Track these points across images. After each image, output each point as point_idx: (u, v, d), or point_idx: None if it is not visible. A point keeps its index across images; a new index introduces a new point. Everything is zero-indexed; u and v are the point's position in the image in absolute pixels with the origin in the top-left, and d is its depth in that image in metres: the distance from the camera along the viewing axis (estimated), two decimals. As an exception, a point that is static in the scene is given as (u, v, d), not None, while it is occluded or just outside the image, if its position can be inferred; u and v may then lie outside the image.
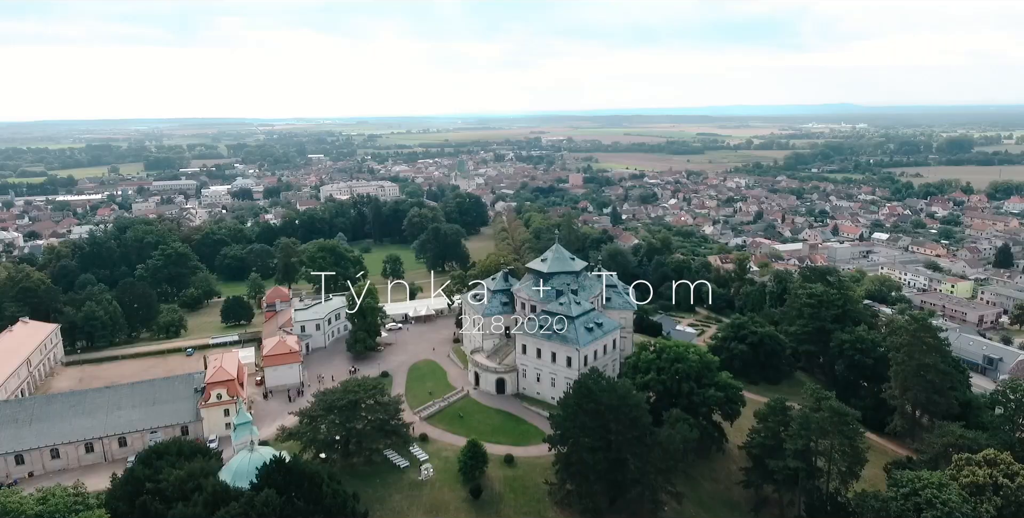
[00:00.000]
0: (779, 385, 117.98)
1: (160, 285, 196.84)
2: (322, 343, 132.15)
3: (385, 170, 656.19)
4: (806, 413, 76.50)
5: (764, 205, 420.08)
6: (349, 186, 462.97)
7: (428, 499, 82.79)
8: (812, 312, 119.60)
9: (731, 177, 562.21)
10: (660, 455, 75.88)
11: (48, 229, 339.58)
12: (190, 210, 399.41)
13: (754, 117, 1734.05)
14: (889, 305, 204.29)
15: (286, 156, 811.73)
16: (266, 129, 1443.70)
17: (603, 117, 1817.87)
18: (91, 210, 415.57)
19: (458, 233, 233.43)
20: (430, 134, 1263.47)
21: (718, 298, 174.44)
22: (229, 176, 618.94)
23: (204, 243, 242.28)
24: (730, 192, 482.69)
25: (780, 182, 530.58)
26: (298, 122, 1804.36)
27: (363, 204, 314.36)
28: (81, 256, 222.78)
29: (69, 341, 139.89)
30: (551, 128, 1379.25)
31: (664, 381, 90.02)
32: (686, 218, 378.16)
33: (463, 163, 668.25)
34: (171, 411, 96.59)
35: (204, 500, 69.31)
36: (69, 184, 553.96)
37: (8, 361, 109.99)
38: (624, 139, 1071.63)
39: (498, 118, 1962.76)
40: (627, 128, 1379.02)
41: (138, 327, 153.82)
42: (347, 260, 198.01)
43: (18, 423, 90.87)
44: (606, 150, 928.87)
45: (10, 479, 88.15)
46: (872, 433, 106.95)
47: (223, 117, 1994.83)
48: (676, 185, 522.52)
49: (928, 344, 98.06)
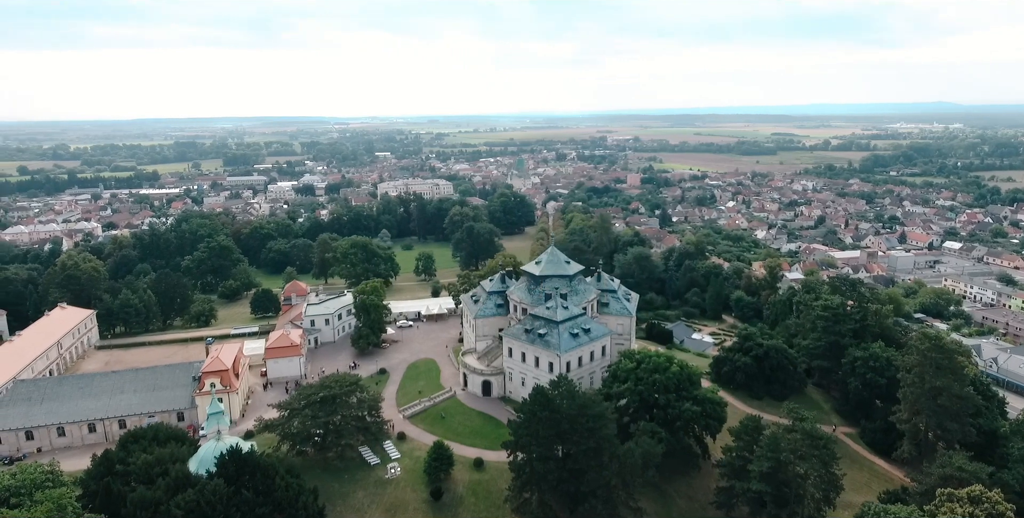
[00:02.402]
0: (786, 401, 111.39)
1: (204, 276, 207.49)
2: (331, 338, 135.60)
3: (446, 168, 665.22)
4: (775, 434, 71.99)
5: (829, 209, 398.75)
6: (405, 183, 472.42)
7: (390, 498, 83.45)
8: (826, 325, 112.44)
9: (798, 179, 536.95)
10: (617, 468, 73.37)
11: (124, 220, 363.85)
12: (254, 205, 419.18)
13: (837, 116, 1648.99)
14: (944, 320, 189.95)
15: (354, 153, 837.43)
16: (341, 127, 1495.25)
17: (674, 116, 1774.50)
18: (167, 203, 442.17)
19: (491, 232, 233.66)
20: (496, 133, 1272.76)
21: (746, 306, 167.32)
22: (299, 172, 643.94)
23: (252, 237, 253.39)
24: (795, 195, 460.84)
25: (852, 185, 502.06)
26: (372, 121, 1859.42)
27: (409, 202, 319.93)
28: (141, 246, 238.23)
29: (107, 327, 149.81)
30: (618, 127, 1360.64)
31: (640, 392, 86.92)
32: (741, 221, 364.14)
33: (522, 162, 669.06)
34: (169, 397, 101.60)
35: (166, 485, 72.50)
36: (153, 179, 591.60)
37: (39, 343, 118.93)
38: (693, 139, 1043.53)
39: (565, 117, 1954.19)
40: (698, 128, 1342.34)
41: (172, 315, 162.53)
42: (379, 257, 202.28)
43: (30, 402, 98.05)
44: (672, 150, 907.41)
45: (20, 453, 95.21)
46: (880, 458, 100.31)
47: (302, 116, 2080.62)
48: (737, 187, 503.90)
49: (942, 365, 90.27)
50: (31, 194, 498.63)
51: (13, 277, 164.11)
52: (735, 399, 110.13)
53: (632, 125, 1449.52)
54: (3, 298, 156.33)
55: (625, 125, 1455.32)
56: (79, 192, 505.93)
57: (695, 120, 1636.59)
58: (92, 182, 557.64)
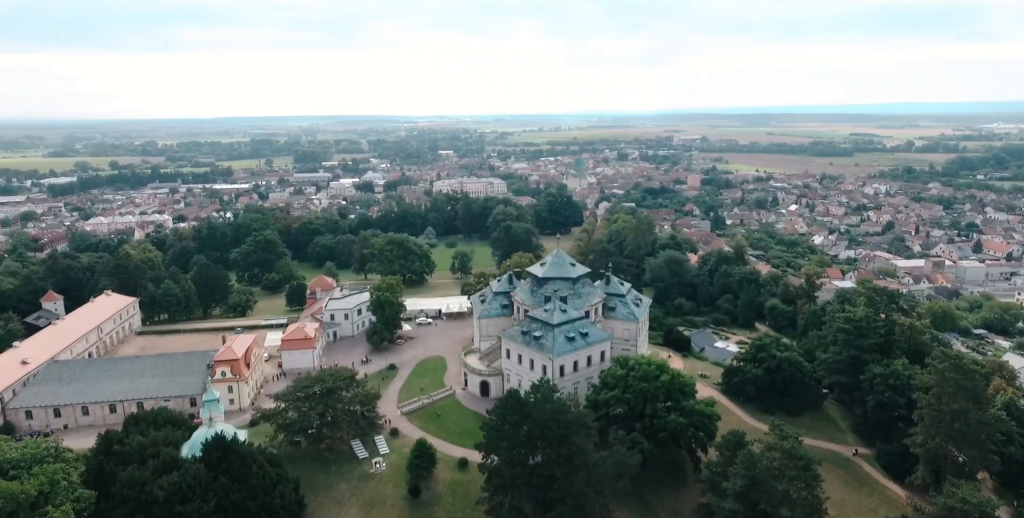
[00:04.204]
0: (800, 417, 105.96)
1: (251, 268, 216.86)
2: (350, 332, 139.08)
3: (505, 167, 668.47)
4: (749, 452, 68.59)
5: (900, 215, 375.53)
6: (460, 182, 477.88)
7: (370, 492, 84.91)
8: (847, 339, 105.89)
9: (871, 182, 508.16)
10: (585, 477, 71.86)
11: (193, 214, 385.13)
12: (314, 200, 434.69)
13: (925, 115, 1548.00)
14: (1009, 337, 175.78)
15: (418, 152, 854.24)
16: (409, 126, 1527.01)
17: (746, 115, 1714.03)
18: (235, 198, 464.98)
19: (528, 232, 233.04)
20: (560, 132, 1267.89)
21: (781, 315, 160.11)
22: (362, 169, 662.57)
23: (302, 232, 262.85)
24: (864, 199, 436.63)
25: (930, 189, 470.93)
26: (439, 119, 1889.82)
27: (456, 200, 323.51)
28: (199, 238, 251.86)
29: (150, 314, 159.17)
30: (687, 127, 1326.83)
31: (627, 400, 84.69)
32: (800, 225, 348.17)
33: (581, 161, 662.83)
34: (183, 383, 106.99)
35: (153, 467, 76.60)
36: (227, 174, 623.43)
37: (80, 327, 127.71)
38: (764, 139, 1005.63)
39: (632, 116, 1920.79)
40: (771, 127, 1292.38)
41: (211, 305, 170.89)
42: (414, 254, 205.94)
43: (60, 382, 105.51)
44: (740, 150, 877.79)
45: (48, 429, 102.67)
46: (895, 482, 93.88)
47: (372, 114, 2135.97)
48: (803, 189, 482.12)
49: (962, 386, 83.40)
50: (117, 187, 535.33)
51: (75, 265, 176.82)
52: (744, 412, 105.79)
53: (701, 124, 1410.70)
54: (64, 284, 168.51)
55: (694, 124, 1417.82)
56: (159, 186, 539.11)
57: (769, 119, 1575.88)
58: (172, 177, 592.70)
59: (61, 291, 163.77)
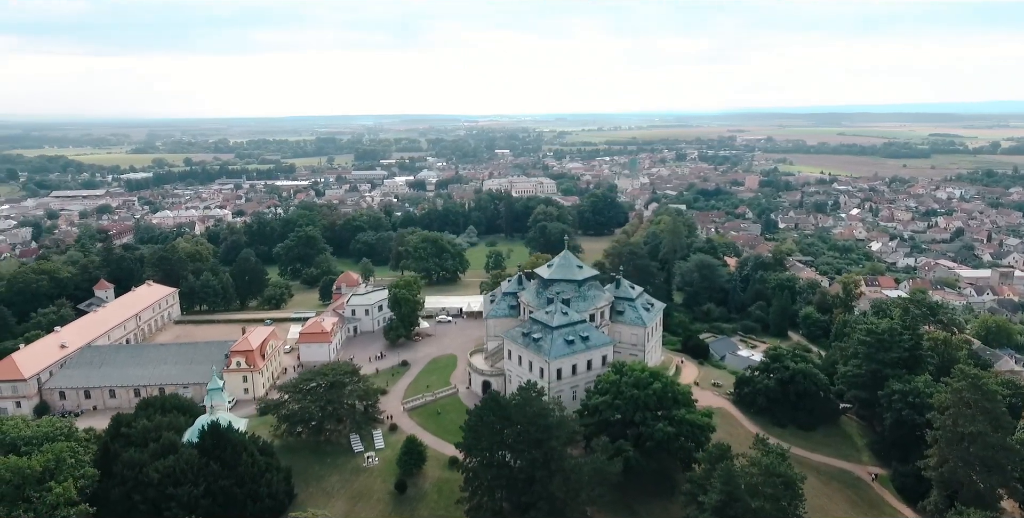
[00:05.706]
0: (813, 432, 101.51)
1: (293, 262, 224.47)
2: (370, 327, 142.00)
3: (559, 166, 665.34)
4: (728, 466, 66.01)
5: (973, 221, 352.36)
6: (510, 181, 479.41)
7: (359, 485, 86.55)
8: (868, 352, 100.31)
9: (945, 186, 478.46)
10: (562, 482, 71.00)
11: (252, 209, 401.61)
12: (367, 198, 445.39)
13: (1016, 115, 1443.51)
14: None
15: (475, 150, 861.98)
16: (469, 125, 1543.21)
17: (818, 115, 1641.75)
18: (293, 194, 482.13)
19: (563, 232, 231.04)
20: (619, 132, 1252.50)
21: (814, 324, 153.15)
22: (418, 168, 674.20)
23: (345, 228, 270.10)
24: (936, 204, 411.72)
25: (1011, 194, 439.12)
26: (499, 119, 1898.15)
27: (499, 199, 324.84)
28: (249, 233, 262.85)
29: (190, 304, 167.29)
30: (752, 126, 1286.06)
31: (618, 406, 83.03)
32: (859, 231, 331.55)
33: (635, 161, 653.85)
34: (202, 371, 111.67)
35: (152, 450, 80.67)
36: (289, 171, 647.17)
37: (120, 314, 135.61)
38: (835, 139, 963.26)
39: (695, 115, 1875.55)
40: (843, 127, 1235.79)
41: (248, 297, 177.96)
42: (448, 252, 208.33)
43: (91, 365, 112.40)
44: (807, 151, 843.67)
45: (79, 409, 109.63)
46: (908, 506, 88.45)
47: (434, 114, 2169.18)
48: (868, 193, 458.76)
49: (982, 408, 77.61)
50: (188, 183, 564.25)
51: (128, 256, 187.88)
52: (753, 424, 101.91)
53: (769, 124, 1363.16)
54: (117, 274, 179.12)
55: (761, 124, 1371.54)
56: (225, 182, 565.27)
57: (842, 119, 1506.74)
58: (238, 173, 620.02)
59: (113, 280, 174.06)
